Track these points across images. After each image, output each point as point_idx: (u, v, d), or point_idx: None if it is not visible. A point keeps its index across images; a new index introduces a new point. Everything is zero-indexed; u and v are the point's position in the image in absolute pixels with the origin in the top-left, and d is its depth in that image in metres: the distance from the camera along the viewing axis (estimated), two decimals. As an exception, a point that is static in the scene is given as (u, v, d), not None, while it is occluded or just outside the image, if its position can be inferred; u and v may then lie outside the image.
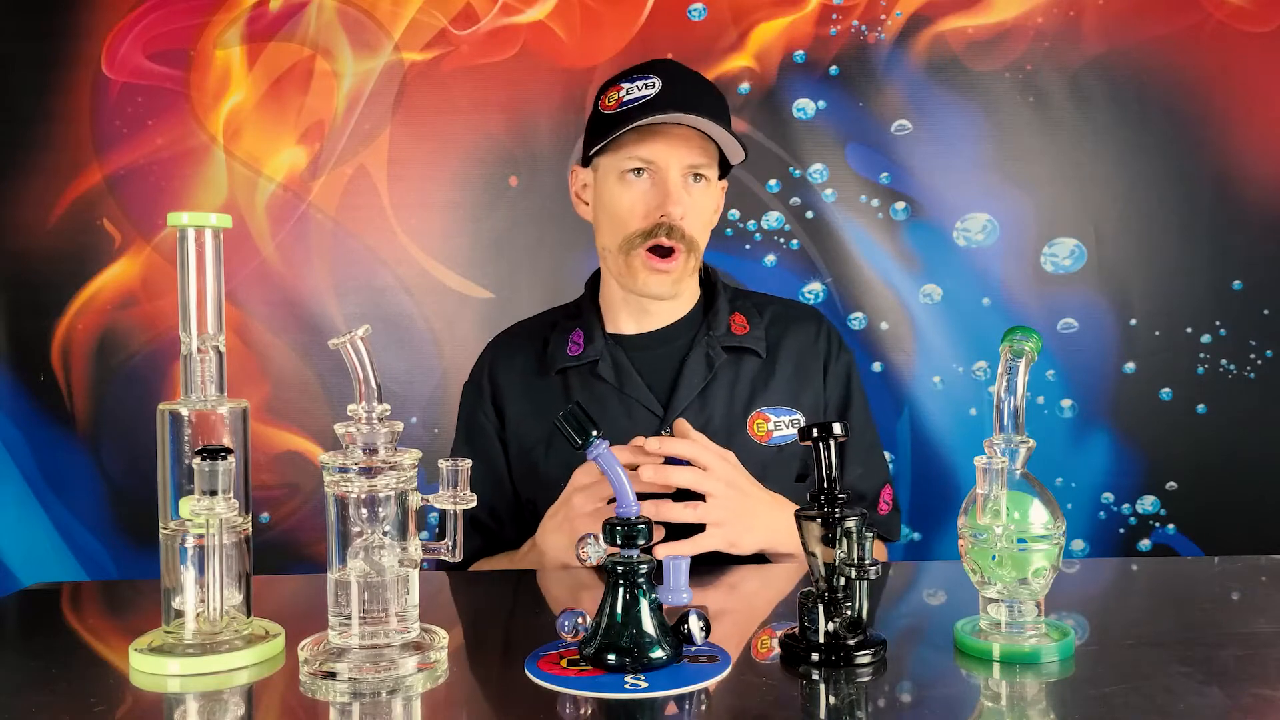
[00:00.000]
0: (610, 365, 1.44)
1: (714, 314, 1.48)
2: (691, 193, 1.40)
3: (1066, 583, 1.11)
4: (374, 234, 2.18)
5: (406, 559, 0.87)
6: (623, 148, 1.40)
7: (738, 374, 1.45)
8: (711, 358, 1.44)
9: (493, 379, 1.51)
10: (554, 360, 1.47)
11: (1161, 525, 2.15)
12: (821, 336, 1.51)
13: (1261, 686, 0.82)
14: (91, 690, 0.85)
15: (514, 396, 1.48)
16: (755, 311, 1.51)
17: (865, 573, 0.86)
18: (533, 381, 1.48)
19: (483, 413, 1.50)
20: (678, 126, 1.37)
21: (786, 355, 1.47)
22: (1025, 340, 0.90)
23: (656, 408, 1.41)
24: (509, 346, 1.54)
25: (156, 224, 2.17)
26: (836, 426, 0.91)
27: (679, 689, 0.82)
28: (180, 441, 0.90)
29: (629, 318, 1.48)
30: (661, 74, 1.40)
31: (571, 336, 1.48)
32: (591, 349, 1.45)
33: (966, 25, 2.13)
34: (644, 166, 1.39)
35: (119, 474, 2.17)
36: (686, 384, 1.42)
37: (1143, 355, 2.14)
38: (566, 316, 1.53)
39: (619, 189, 1.41)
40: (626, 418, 1.41)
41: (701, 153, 1.40)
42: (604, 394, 1.43)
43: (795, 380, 1.46)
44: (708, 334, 1.45)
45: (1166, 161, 2.13)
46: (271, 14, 2.16)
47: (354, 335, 0.87)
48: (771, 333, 1.49)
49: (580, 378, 1.45)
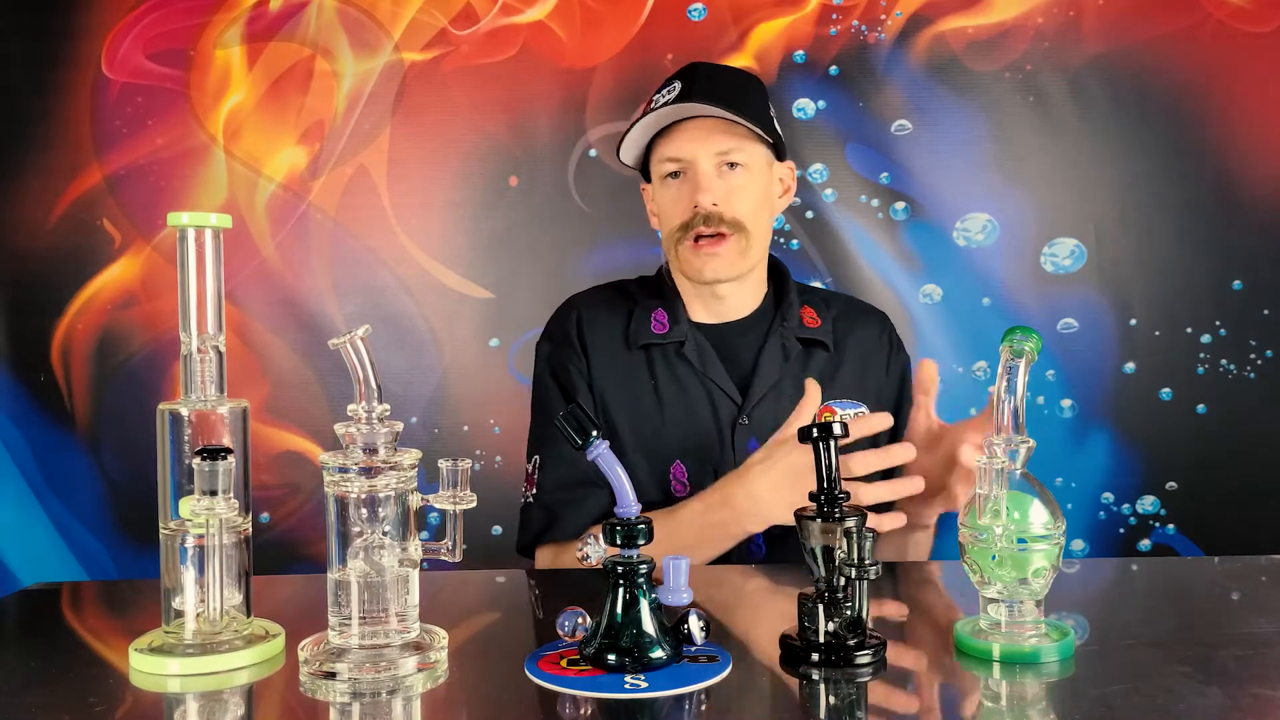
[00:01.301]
0: (695, 348, 1.47)
1: (786, 306, 1.51)
2: (727, 180, 1.43)
3: (1066, 583, 1.11)
4: (374, 234, 2.18)
5: (406, 559, 0.87)
6: (657, 152, 1.46)
7: (807, 366, 1.48)
8: (787, 348, 1.48)
9: (582, 337, 1.50)
10: (638, 335, 1.48)
11: (1161, 525, 2.15)
12: (885, 335, 1.56)
13: (1261, 686, 0.82)
14: (91, 690, 0.85)
15: (601, 361, 1.48)
16: (823, 305, 1.55)
17: (865, 573, 0.86)
18: (618, 351, 1.49)
19: (576, 367, 1.48)
20: (702, 120, 1.42)
21: (852, 351, 1.51)
22: (1025, 340, 0.90)
23: (735, 394, 1.45)
24: (594, 309, 1.53)
25: (156, 224, 2.17)
26: (836, 427, 0.91)
27: (679, 689, 0.82)
28: (180, 441, 0.90)
29: (703, 308, 1.51)
30: (684, 77, 1.45)
31: (655, 315, 1.50)
32: (676, 330, 1.48)
33: (966, 25, 2.13)
34: (677, 165, 1.44)
35: (119, 474, 2.17)
36: (764, 373, 1.45)
37: (1143, 355, 2.14)
38: (646, 295, 1.54)
39: (661, 191, 1.48)
40: (707, 402, 1.44)
41: (729, 138, 1.42)
42: (685, 375, 1.46)
43: (860, 375, 1.50)
44: (782, 325, 1.49)
45: (1166, 161, 2.13)
46: (271, 14, 2.16)
47: (354, 335, 0.87)
48: (839, 327, 1.52)
49: (664, 356, 1.47)
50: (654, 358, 1.47)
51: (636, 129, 1.44)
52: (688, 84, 1.42)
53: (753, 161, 1.45)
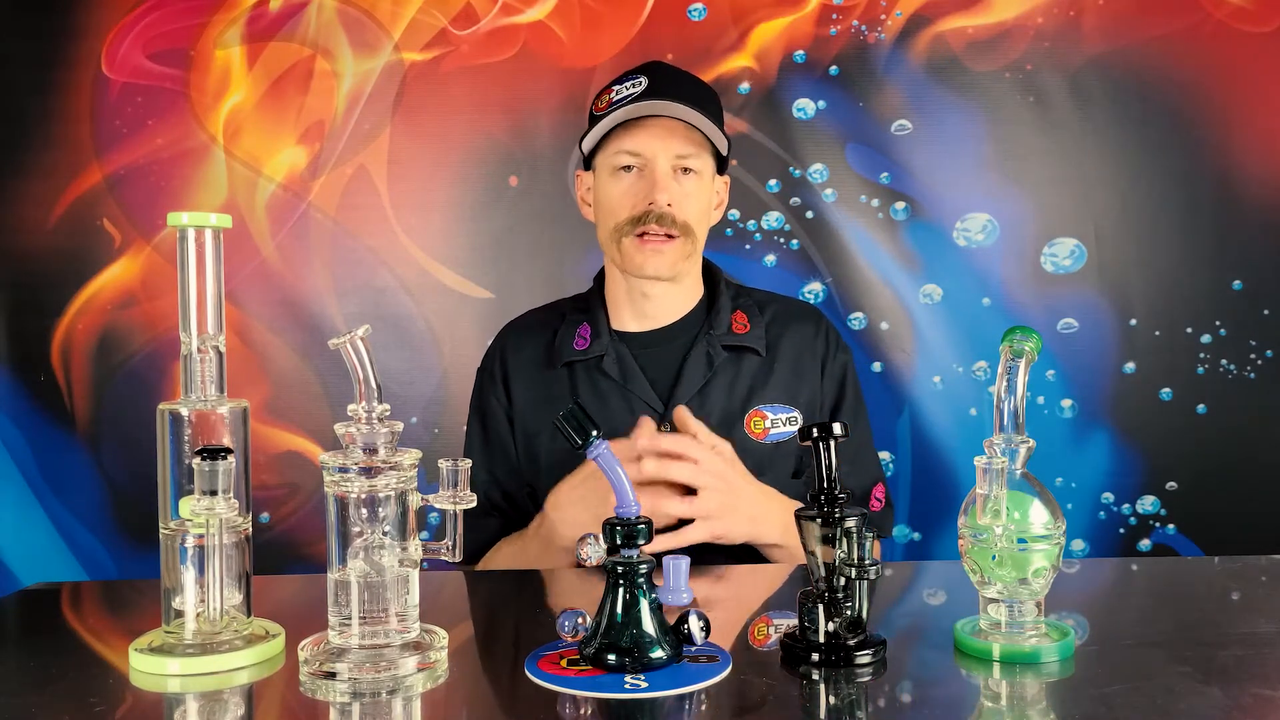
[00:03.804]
0: (615, 361, 1.46)
1: (716, 313, 1.50)
2: (682, 184, 1.43)
3: (1066, 583, 1.11)
4: (374, 234, 2.18)
5: (406, 559, 0.87)
6: (613, 144, 1.44)
7: (738, 372, 1.47)
8: (712, 356, 1.46)
9: (504, 364, 1.53)
10: (561, 352, 1.49)
11: (1161, 525, 2.15)
12: (820, 335, 1.53)
13: (1261, 686, 0.82)
14: (91, 690, 0.85)
15: (522, 384, 1.51)
16: (756, 310, 1.53)
17: (865, 573, 0.86)
18: (540, 372, 1.50)
19: (495, 397, 1.52)
20: (664, 120, 1.41)
21: (785, 354, 1.49)
22: (1025, 340, 0.90)
23: (658, 404, 1.44)
24: (520, 334, 1.57)
25: (156, 224, 2.17)
26: (836, 426, 0.90)
27: (679, 689, 0.82)
28: (180, 441, 0.90)
29: (633, 315, 1.50)
30: (648, 73, 1.45)
31: (579, 330, 1.50)
32: (598, 344, 1.48)
33: (966, 25, 2.13)
34: (633, 160, 1.43)
35: (119, 474, 2.17)
36: (687, 382, 1.44)
37: (1143, 355, 2.14)
38: (575, 310, 1.55)
39: (611, 183, 1.45)
40: (629, 413, 1.42)
41: (688, 143, 1.42)
42: (607, 389, 1.46)
43: (793, 378, 1.48)
44: (709, 333, 1.48)
45: (1166, 161, 2.13)
46: (271, 14, 2.16)
47: (354, 335, 0.87)
48: (771, 331, 1.51)
49: (586, 371, 1.48)
50: (576, 374, 1.48)
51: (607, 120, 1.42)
52: (655, 82, 1.42)
53: (704, 169, 1.45)
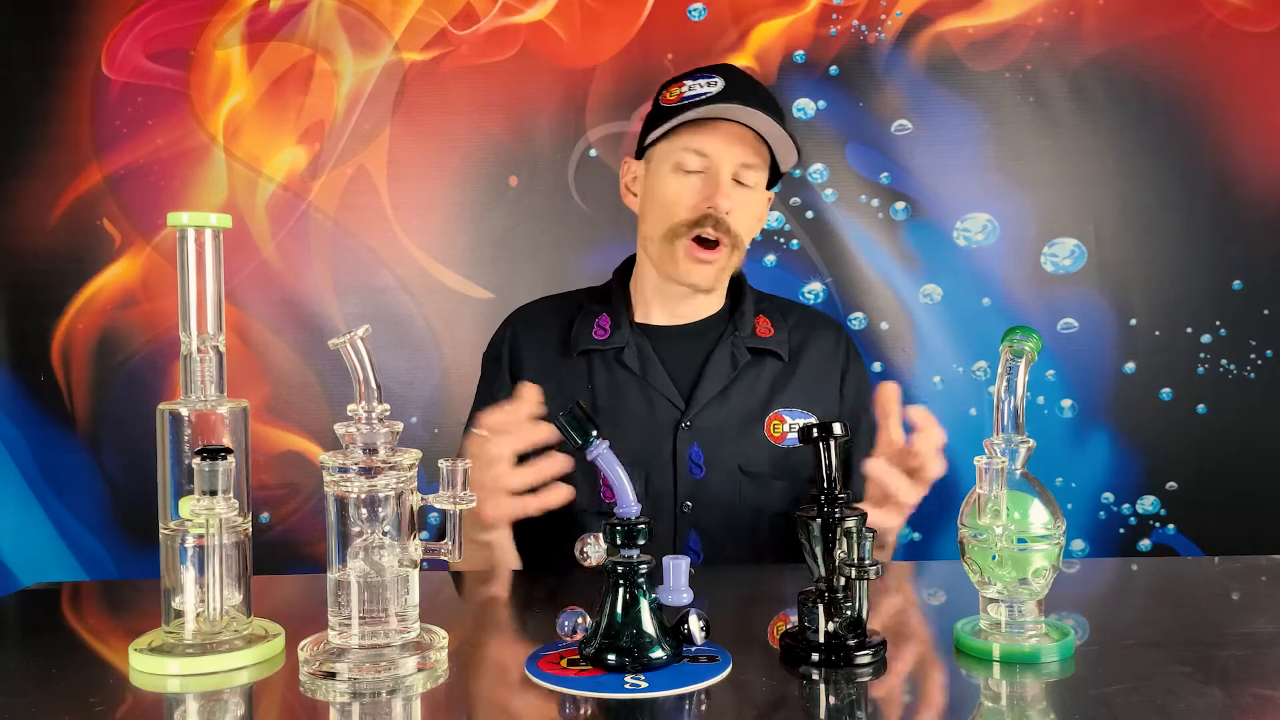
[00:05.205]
0: (635, 353, 1.46)
1: (740, 315, 1.50)
2: (740, 193, 1.43)
3: (1066, 583, 1.11)
4: (374, 234, 2.18)
5: (406, 559, 0.87)
6: (680, 139, 1.42)
7: (759, 374, 1.47)
8: (736, 357, 1.47)
9: (513, 352, 1.51)
10: (578, 342, 1.48)
11: (1161, 525, 2.15)
12: (841, 346, 1.55)
13: (1261, 686, 0.82)
14: (91, 690, 0.85)
15: (533, 373, 1.48)
16: (780, 316, 1.53)
17: (865, 573, 0.86)
18: (555, 360, 1.49)
19: (500, 385, 1.50)
20: (733, 126, 1.40)
21: (807, 361, 1.50)
22: (1025, 340, 0.90)
23: (678, 400, 1.43)
24: (531, 322, 1.55)
25: (156, 224, 2.17)
26: (837, 426, 0.90)
27: (679, 689, 0.82)
28: (180, 441, 0.90)
29: (660, 309, 1.50)
30: (725, 74, 1.43)
31: (598, 320, 1.49)
32: (618, 335, 1.47)
33: (966, 25, 2.13)
34: (699, 161, 1.41)
35: (119, 474, 2.17)
36: (710, 380, 1.44)
37: (1143, 355, 2.14)
38: (593, 300, 1.54)
39: (671, 179, 1.43)
40: (647, 407, 1.43)
41: (754, 153, 1.42)
42: (625, 381, 1.45)
43: (813, 385, 1.49)
44: (734, 334, 1.48)
45: (1166, 161, 2.13)
46: (271, 14, 2.16)
47: (354, 335, 0.87)
48: (794, 337, 1.51)
49: (604, 362, 1.47)
50: (594, 364, 1.47)
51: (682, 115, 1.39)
52: (732, 84, 1.41)
53: (759, 182, 1.45)
